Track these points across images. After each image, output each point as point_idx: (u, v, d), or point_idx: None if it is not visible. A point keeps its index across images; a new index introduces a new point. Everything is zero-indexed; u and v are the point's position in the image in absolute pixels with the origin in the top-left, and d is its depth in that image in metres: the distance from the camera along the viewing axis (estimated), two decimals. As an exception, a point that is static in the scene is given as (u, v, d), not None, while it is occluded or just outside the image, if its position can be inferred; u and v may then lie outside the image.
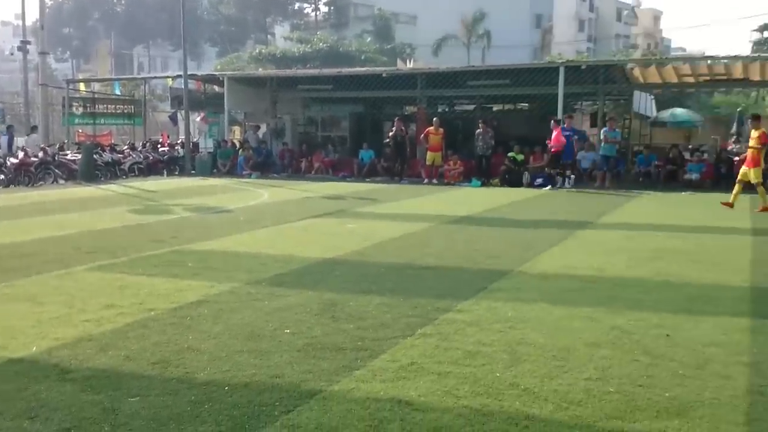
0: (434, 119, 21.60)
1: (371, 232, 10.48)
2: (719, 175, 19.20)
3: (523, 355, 4.77)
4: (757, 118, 15.11)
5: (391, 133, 22.33)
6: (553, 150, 19.05)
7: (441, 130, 20.84)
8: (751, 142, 14.03)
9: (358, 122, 27.09)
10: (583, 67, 22.52)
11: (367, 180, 21.04)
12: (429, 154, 20.77)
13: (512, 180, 20.03)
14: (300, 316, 5.72)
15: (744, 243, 9.57)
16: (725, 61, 21.76)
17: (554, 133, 18.89)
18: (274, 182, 20.60)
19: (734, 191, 14.00)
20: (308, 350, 4.86)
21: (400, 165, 21.95)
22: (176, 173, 24.00)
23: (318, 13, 74.37)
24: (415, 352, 4.82)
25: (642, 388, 4.17)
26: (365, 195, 16.74)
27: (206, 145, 27.14)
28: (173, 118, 28.51)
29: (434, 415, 3.78)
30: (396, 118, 23.55)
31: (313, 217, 12.47)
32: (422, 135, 21.22)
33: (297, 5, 75.37)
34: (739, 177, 14.21)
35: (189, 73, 26.27)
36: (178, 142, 26.88)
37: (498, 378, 4.32)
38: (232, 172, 23.80)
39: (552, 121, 19.19)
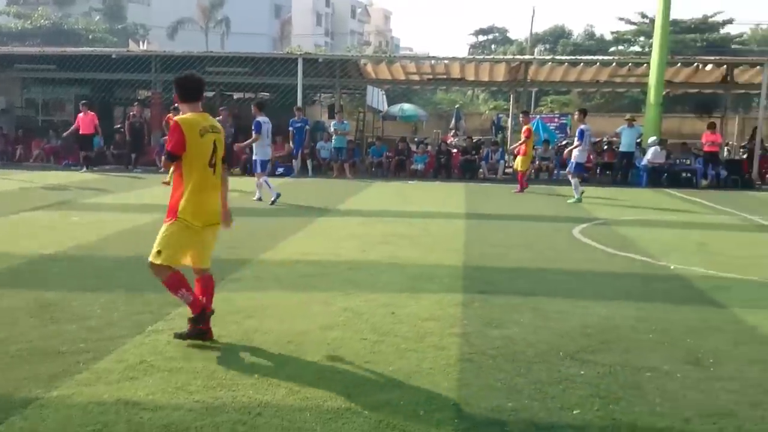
0: (173, 106, 20.67)
1: (99, 225, 9.82)
2: (440, 166, 21.07)
3: (259, 343, 4.83)
4: (525, 113, 17.65)
5: (129, 119, 21.07)
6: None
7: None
8: (521, 136, 16.44)
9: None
10: (320, 60, 23.20)
11: (95, 169, 19.58)
12: None
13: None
14: (13, 319, 5.19)
15: (459, 227, 10.63)
16: (446, 61, 23.88)
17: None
18: (-16, 172, 18.27)
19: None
20: (23, 356, 4.44)
21: (135, 153, 20.80)
22: None
23: (38, -15, 67.10)
24: (145, 350, 4.64)
25: (369, 364, 4.46)
26: (93, 185, 15.59)
27: None
28: None
29: (164, 413, 3.67)
30: (135, 103, 22.26)
31: (31, 209, 11.33)
32: (163, 122, 20.23)
33: (12, -24, 67.27)
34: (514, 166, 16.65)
35: None
36: None
37: (232, 369, 4.33)
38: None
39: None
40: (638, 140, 20.30)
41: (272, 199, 12.93)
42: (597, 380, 4.24)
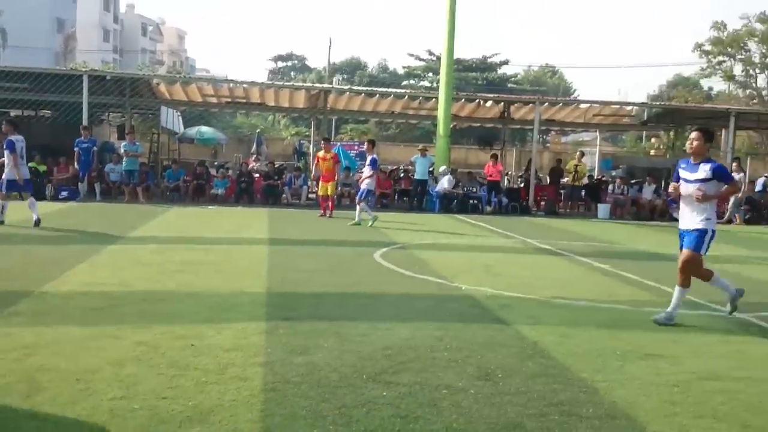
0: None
1: None
2: (241, 190, 20.80)
3: (44, 382, 4.41)
4: (326, 140, 18.29)
5: None
6: None
7: None
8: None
9: None
10: (109, 77, 22.05)
11: None
12: None
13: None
14: None
15: (262, 253, 10.54)
16: (245, 85, 23.74)
17: None
18: None
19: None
20: None
21: None
22: None
23: None
24: None
25: (166, 400, 4.23)
26: None
27: None
28: None
29: (-72, 468, 3.23)
30: None
31: None
32: None
33: None
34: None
35: None
36: None
37: (14, 411, 3.91)
38: None
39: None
40: (430, 169, 21.58)
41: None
42: (398, 400, 4.39)
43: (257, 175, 22.16)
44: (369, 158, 15.71)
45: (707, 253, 6.83)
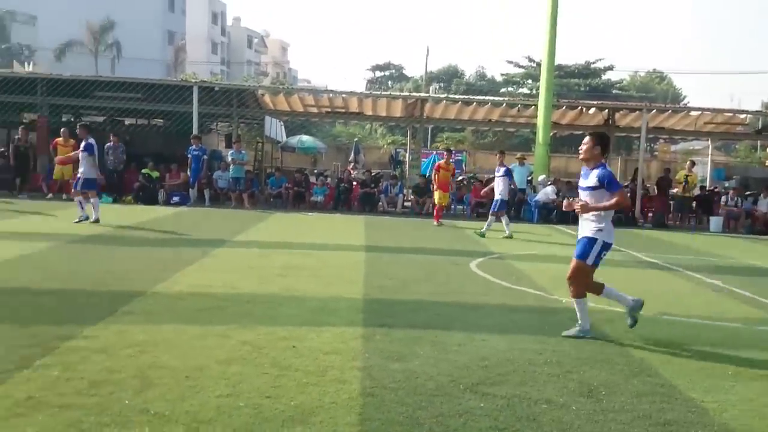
0: (62, 129, 19.64)
1: (-22, 254, 9.19)
2: (339, 198, 21.18)
3: (155, 378, 4.64)
4: (448, 151, 18.94)
5: (13, 143, 19.97)
6: None
7: (72, 141, 18.44)
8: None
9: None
10: (217, 88, 22.91)
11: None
12: (57, 168, 18.50)
13: (147, 197, 19.43)
14: None
15: (359, 259, 10.69)
16: (344, 95, 24.16)
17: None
18: None
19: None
20: None
21: (20, 178, 19.68)
22: None
23: None
24: (33, 385, 4.36)
25: (270, 399, 4.37)
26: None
27: None
28: None
29: (54, 453, 3.47)
30: (21, 127, 21.13)
31: None
32: (51, 146, 19.19)
33: None
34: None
35: None
36: None
37: (127, 405, 4.14)
38: None
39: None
40: (529, 178, 21.21)
41: (78, 220, 13.34)
42: (496, 412, 4.34)
43: (355, 182, 22.50)
44: (502, 169, 15.57)
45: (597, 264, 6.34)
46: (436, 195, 17.26)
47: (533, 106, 23.44)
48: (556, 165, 30.90)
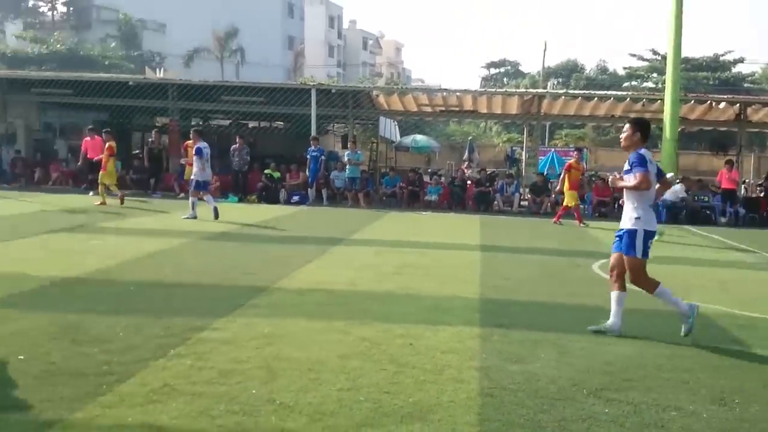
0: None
1: (119, 249, 9.87)
2: (453, 197, 21.12)
3: (279, 370, 4.82)
4: (578, 150, 18.65)
5: (147, 146, 21.35)
6: None
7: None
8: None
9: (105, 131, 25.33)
10: (333, 90, 23.45)
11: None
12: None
13: (269, 196, 20.19)
14: (36, 341, 5.21)
15: (474, 258, 10.61)
16: (458, 93, 24.06)
17: None
18: (3, 193, 18.47)
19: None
20: (46, 377, 4.44)
21: (154, 178, 21.00)
22: None
23: (55, 12, 68.43)
24: (167, 373, 4.64)
25: (388, 395, 4.43)
26: (112, 209, 15.70)
27: None
28: None
29: (188, 437, 3.67)
30: (154, 130, 22.57)
31: (52, 232, 11.42)
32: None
33: (31, 2, 68.73)
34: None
35: None
36: None
37: (254, 395, 4.32)
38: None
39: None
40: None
41: (187, 216, 14.07)
42: (622, 418, 4.19)
43: (469, 181, 22.36)
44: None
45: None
46: (568, 195, 16.73)
47: (659, 101, 22.36)
48: (685, 162, 29.29)
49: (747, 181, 26.83)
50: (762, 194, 21.91)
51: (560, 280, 8.98)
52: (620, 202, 7.48)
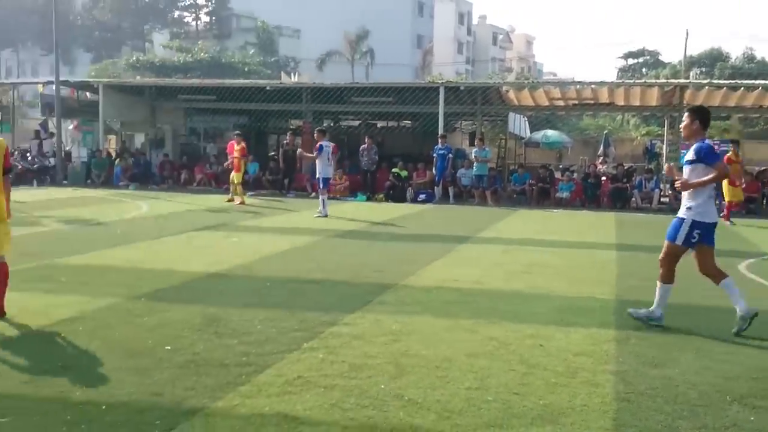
0: (234, 133, 19.64)
1: (256, 246, 10.36)
2: (587, 194, 20.41)
3: (407, 366, 4.87)
4: (734, 142, 17.94)
5: (282, 148, 22.30)
6: None
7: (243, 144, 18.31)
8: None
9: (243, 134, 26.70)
10: (462, 88, 23.33)
11: (252, 193, 20.70)
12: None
13: (396, 195, 20.43)
14: (181, 332, 5.58)
15: (609, 258, 10.22)
16: (593, 86, 23.23)
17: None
18: (153, 194, 19.92)
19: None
20: (190, 366, 4.75)
21: (288, 178, 21.88)
22: (47, 183, 22.70)
23: (199, 22, 72.82)
24: (301, 366, 4.82)
25: (518, 396, 4.37)
26: (250, 208, 16.50)
27: (80, 154, 25.85)
28: (44, 126, 26.91)
29: (321, 428, 3.79)
30: (289, 132, 23.50)
31: (195, 230, 12.17)
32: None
33: (177, 14, 73.47)
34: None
35: (61, 79, 24.97)
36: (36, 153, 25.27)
37: (383, 390, 4.40)
38: (107, 182, 22.83)
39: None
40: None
41: (318, 215, 14.55)
42: (770, 428, 3.90)
43: (604, 177, 21.52)
44: None
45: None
46: (728, 191, 15.67)
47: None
48: None
49: None
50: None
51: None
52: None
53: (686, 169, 6.10)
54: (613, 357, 5.24)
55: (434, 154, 20.58)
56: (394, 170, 21.22)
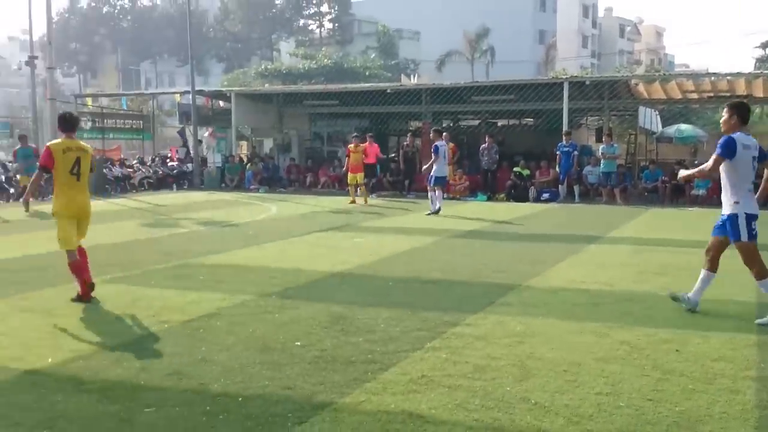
0: (353, 135, 20.08)
1: (378, 246, 10.54)
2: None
3: (533, 369, 4.80)
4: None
5: (402, 149, 22.55)
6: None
7: (362, 146, 19.05)
8: None
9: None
10: (588, 82, 22.61)
11: (373, 195, 21.09)
12: (350, 175, 18.58)
13: (518, 194, 20.12)
14: (310, 329, 5.77)
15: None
16: (729, 77, 21.84)
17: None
18: (281, 196, 20.74)
19: None
20: (319, 362, 4.90)
21: (408, 179, 22.09)
22: (185, 187, 24.19)
23: (322, 29, 74.91)
24: (425, 365, 4.86)
25: (652, 402, 4.19)
26: (372, 209, 16.80)
27: (214, 159, 27.36)
28: (182, 134, 28.74)
29: (445, 428, 3.81)
30: (409, 134, 23.73)
31: (321, 231, 12.54)
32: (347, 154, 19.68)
33: (302, 22, 75.94)
34: None
35: (196, 88, 26.51)
36: (183, 157, 27.08)
37: (508, 392, 4.35)
38: (240, 186, 23.99)
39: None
40: None
41: (431, 212, 15.06)
42: None
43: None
44: None
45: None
46: None
47: None
48: None
49: None
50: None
51: None
52: None
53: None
54: (755, 362, 4.93)
55: (558, 152, 20.07)
56: (515, 169, 20.90)
